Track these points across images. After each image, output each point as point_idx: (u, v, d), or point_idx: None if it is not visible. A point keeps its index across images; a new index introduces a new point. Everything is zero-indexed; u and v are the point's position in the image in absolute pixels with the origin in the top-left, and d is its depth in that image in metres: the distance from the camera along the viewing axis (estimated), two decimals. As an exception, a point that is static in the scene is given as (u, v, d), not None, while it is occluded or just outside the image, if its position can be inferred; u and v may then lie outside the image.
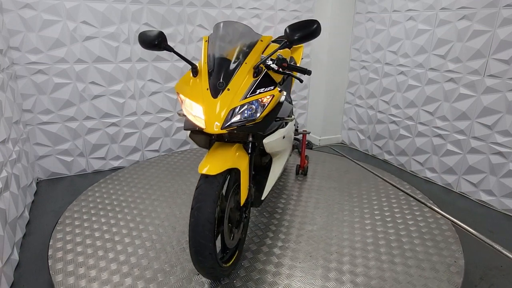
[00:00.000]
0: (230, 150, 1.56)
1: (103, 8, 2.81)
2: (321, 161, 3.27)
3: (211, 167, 1.43)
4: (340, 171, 3.03)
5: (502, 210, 2.58)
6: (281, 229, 2.12)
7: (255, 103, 1.49)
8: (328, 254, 1.89)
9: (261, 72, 1.57)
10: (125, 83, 3.07)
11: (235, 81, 1.50)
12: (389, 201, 2.50)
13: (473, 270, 1.93)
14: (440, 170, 2.99)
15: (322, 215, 2.29)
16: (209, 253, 1.40)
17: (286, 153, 2.12)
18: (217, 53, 1.59)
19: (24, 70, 2.68)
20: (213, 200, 1.41)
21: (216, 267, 1.48)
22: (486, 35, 2.51)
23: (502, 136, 2.51)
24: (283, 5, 3.58)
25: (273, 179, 1.91)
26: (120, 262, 1.81)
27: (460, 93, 2.74)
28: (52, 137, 2.91)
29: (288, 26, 1.46)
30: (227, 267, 1.63)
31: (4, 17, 2.52)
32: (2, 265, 1.67)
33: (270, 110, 1.58)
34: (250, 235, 2.05)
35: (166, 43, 1.57)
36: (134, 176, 2.85)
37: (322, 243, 1.99)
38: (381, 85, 3.47)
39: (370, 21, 3.50)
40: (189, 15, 3.17)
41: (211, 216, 1.39)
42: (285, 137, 1.83)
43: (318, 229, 2.13)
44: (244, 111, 1.48)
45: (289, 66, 1.59)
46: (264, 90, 1.52)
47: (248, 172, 1.60)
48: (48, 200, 2.63)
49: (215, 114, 1.44)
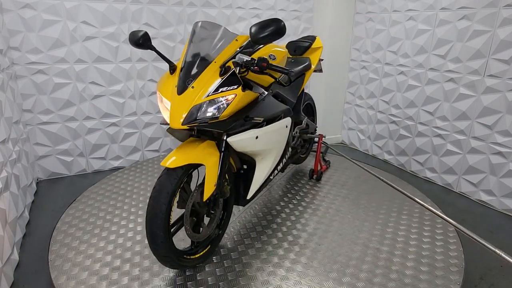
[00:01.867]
0: (198, 146, 1.61)
1: (103, 8, 2.81)
2: (334, 167, 3.26)
3: (172, 160, 1.50)
4: (352, 176, 3.02)
5: (502, 210, 2.58)
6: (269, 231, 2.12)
7: (216, 101, 1.52)
8: (328, 252, 1.90)
9: (228, 71, 1.58)
10: (125, 83, 3.07)
11: (200, 79, 1.55)
12: (389, 202, 2.50)
13: (473, 270, 1.93)
14: (440, 170, 2.99)
15: (315, 220, 2.29)
16: (161, 241, 1.48)
17: (271, 155, 1.99)
18: (191, 52, 1.64)
19: (24, 70, 2.68)
20: (168, 192, 1.48)
21: (171, 256, 1.55)
22: (486, 35, 2.51)
23: (502, 136, 2.51)
24: (283, 5, 3.58)
25: (258, 180, 1.93)
26: (120, 262, 1.81)
27: (460, 93, 2.74)
28: (52, 137, 2.91)
29: (252, 25, 1.46)
30: (190, 259, 1.70)
31: (4, 17, 2.52)
32: (2, 265, 1.67)
33: (236, 109, 1.59)
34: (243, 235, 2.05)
35: (150, 42, 1.66)
36: (134, 176, 2.85)
37: (320, 247, 1.99)
38: (381, 85, 3.47)
39: (370, 21, 3.50)
40: (189, 15, 3.17)
41: (163, 207, 1.46)
42: (259, 138, 1.76)
43: (309, 235, 2.13)
44: (206, 109, 1.51)
45: (269, 66, 1.58)
46: (227, 89, 1.53)
47: (216, 169, 1.63)
48: (48, 200, 2.63)
49: (178, 110, 1.50)
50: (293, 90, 2.42)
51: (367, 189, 2.69)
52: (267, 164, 1.97)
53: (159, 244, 1.50)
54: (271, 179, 2.13)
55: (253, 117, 1.73)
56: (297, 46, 2.68)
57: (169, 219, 1.51)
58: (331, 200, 2.50)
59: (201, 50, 1.65)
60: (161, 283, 1.67)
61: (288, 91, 2.35)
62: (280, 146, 2.07)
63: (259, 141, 1.79)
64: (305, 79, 2.57)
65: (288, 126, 2.16)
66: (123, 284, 1.66)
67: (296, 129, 2.55)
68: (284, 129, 2.10)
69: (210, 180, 1.60)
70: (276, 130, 1.97)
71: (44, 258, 1.96)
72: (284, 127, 2.09)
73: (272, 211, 2.34)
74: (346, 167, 3.13)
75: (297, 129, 2.55)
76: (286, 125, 2.10)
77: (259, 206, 2.41)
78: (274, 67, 1.59)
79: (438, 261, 1.86)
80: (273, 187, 2.73)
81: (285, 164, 2.33)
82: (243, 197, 1.90)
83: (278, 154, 2.08)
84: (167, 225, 1.50)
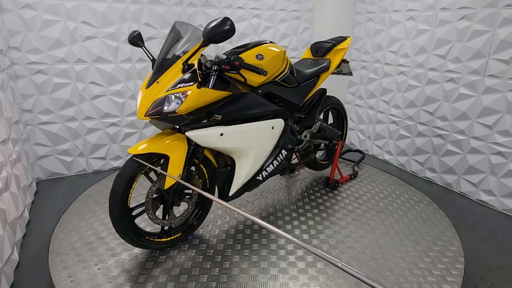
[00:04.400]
0: (167, 138, 1.75)
1: (103, 8, 2.81)
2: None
3: (137, 148, 1.68)
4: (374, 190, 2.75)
5: (502, 210, 2.58)
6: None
7: (174, 96, 1.62)
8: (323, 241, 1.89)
9: (190, 69, 1.68)
10: (125, 83, 3.07)
11: (165, 75, 1.68)
12: (389, 201, 2.50)
13: (473, 270, 1.93)
14: (440, 170, 2.99)
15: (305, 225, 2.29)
16: (117, 219, 1.67)
17: (250, 155, 1.97)
18: (163, 50, 1.76)
19: (24, 70, 2.68)
20: (127, 176, 1.66)
21: (129, 234, 1.73)
22: (486, 35, 2.51)
23: (502, 136, 2.51)
24: (283, 5, 3.58)
25: (239, 178, 1.97)
26: (120, 262, 1.81)
27: (460, 93, 2.73)
28: (52, 137, 2.91)
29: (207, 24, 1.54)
30: (154, 241, 1.84)
31: (4, 17, 2.52)
32: (2, 265, 1.67)
33: (194, 104, 1.65)
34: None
35: (141, 41, 1.88)
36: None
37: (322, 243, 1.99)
38: (381, 85, 3.47)
39: (370, 21, 3.50)
40: (189, 15, 3.17)
41: (120, 188, 1.65)
42: (225, 135, 1.79)
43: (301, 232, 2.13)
44: (165, 102, 1.62)
45: (243, 65, 1.67)
46: (184, 85, 1.64)
47: (182, 161, 1.74)
48: (48, 200, 2.63)
49: (144, 102, 1.65)
50: (299, 92, 2.32)
51: (380, 206, 2.54)
52: (247, 164, 1.98)
53: (116, 221, 1.68)
54: (260, 180, 2.09)
55: (215, 114, 1.78)
56: (319, 47, 2.60)
57: (127, 200, 1.69)
58: (332, 213, 2.50)
59: (171, 48, 1.76)
60: (162, 283, 1.67)
61: (292, 93, 2.24)
62: (262, 147, 2.02)
63: (226, 138, 1.82)
64: (319, 81, 2.45)
65: (277, 128, 2.09)
66: (123, 284, 1.66)
67: (306, 133, 2.47)
68: (270, 130, 2.04)
69: (173, 170, 1.72)
70: (253, 130, 1.94)
71: (44, 258, 1.96)
72: (269, 128, 2.04)
73: (277, 213, 2.34)
74: (373, 180, 2.89)
75: (306, 133, 2.47)
76: (272, 126, 2.05)
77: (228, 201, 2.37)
78: (248, 66, 1.68)
79: (438, 261, 1.86)
80: (284, 189, 2.73)
81: (281, 167, 2.22)
82: (226, 193, 2.00)
83: (260, 155, 2.04)
84: (124, 206, 1.68)
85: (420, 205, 2.46)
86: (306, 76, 2.35)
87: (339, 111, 2.93)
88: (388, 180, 2.88)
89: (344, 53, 2.58)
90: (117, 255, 1.87)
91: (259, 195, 2.59)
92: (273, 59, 1.96)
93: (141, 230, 1.82)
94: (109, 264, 1.80)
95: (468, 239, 2.23)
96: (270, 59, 1.95)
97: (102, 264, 1.80)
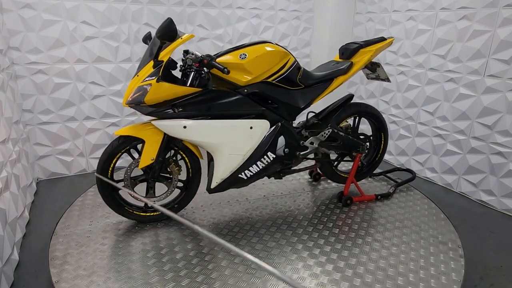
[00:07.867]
0: (147, 125, 1.97)
1: (103, 8, 2.81)
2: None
3: (120, 129, 1.95)
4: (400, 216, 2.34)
5: (502, 210, 2.58)
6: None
7: (141, 88, 1.81)
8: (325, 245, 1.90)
9: (158, 65, 1.82)
10: (125, 83, 3.07)
11: (143, 70, 1.85)
12: (389, 201, 2.50)
13: (473, 270, 1.93)
14: (440, 170, 2.99)
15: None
16: (100, 183, 1.99)
17: (223, 152, 1.99)
18: (148, 48, 1.93)
19: (24, 70, 2.68)
20: (109, 152, 1.96)
21: (110, 202, 2.05)
22: (486, 35, 2.51)
23: (502, 136, 2.51)
24: (283, 5, 3.58)
25: (217, 173, 2.06)
26: (120, 262, 1.81)
27: (460, 93, 2.74)
28: (52, 137, 2.91)
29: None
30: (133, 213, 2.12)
31: (4, 17, 2.52)
32: (2, 265, 1.67)
33: (156, 96, 1.81)
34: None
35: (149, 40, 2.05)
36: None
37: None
38: (381, 85, 3.47)
39: (370, 21, 3.50)
40: (189, 15, 3.17)
41: (102, 162, 1.96)
42: (188, 128, 1.89)
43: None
44: (136, 93, 1.83)
45: (210, 64, 1.82)
46: (148, 79, 1.81)
47: (157, 146, 1.98)
48: (48, 200, 2.63)
49: (127, 92, 1.88)
50: (302, 95, 2.20)
51: (392, 232, 2.14)
52: (221, 159, 2.03)
53: (99, 187, 2.00)
54: (244, 179, 2.08)
55: (180, 107, 1.90)
56: (346, 48, 2.37)
57: (107, 173, 1.99)
58: (333, 231, 2.49)
59: (154, 46, 1.88)
60: (164, 283, 1.67)
61: (291, 95, 2.16)
62: (236, 145, 2.01)
63: (190, 131, 1.92)
64: (332, 85, 2.28)
65: (257, 128, 2.04)
66: (123, 284, 1.66)
67: (312, 139, 2.29)
68: (247, 129, 2.01)
69: (148, 154, 1.96)
70: (225, 127, 1.96)
71: (44, 258, 1.96)
72: (247, 128, 2.01)
73: (278, 220, 2.35)
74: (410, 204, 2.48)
75: (313, 140, 2.29)
76: (251, 126, 2.02)
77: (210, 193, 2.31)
78: (214, 64, 1.81)
79: (438, 261, 1.86)
80: (287, 196, 2.73)
81: (272, 170, 2.16)
82: (208, 186, 2.11)
83: (235, 153, 2.02)
84: (105, 174, 1.97)
85: (420, 205, 2.46)
86: (315, 78, 2.23)
87: (371, 121, 2.62)
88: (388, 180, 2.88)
89: (370, 55, 2.32)
90: (117, 255, 1.87)
91: (260, 197, 2.59)
92: (258, 58, 1.95)
93: (122, 200, 2.10)
94: (109, 263, 1.80)
95: (468, 239, 2.23)
96: (253, 58, 1.94)
97: (103, 264, 1.80)
